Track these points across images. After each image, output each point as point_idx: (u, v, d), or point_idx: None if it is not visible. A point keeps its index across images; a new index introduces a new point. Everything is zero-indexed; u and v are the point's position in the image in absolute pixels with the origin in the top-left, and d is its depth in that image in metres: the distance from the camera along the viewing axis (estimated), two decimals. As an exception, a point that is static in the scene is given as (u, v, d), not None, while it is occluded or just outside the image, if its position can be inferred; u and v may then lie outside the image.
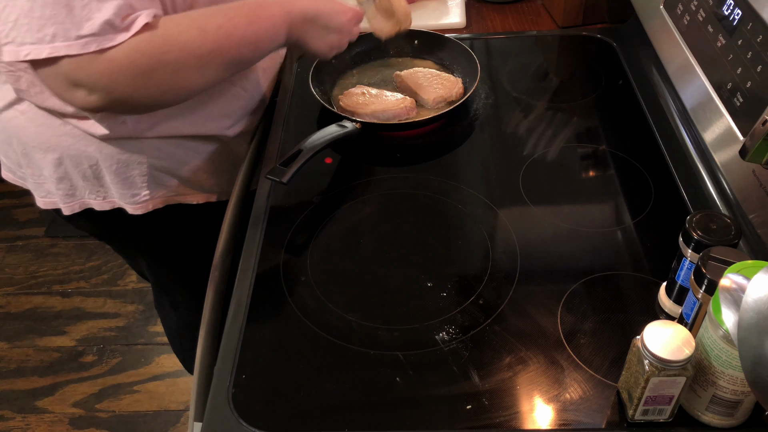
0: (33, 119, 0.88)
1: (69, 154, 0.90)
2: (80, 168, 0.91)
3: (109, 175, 0.92)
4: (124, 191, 0.93)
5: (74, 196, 0.95)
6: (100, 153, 0.89)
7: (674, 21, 0.92)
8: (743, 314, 0.48)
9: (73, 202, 0.96)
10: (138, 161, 0.91)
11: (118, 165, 0.91)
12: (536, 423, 0.62)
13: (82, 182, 0.93)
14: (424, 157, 0.95)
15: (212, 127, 0.95)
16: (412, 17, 1.20)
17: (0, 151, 0.98)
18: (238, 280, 0.78)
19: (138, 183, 0.93)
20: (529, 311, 0.72)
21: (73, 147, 0.89)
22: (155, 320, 1.89)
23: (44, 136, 0.89)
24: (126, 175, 0.92)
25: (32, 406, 1.71)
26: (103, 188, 0.94)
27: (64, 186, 0.94)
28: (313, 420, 0.64)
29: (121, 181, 0.92)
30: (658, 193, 0.85)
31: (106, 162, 0.90)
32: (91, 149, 0.89)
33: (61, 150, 0.90)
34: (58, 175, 0.92)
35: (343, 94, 1.03)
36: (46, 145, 0.90)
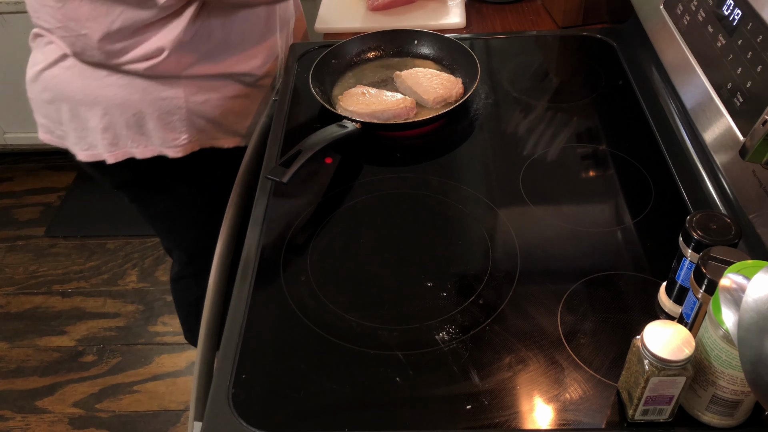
0: (79, 74, 0.97)
1: (114, 103, 0.98)
2: (124, 116, 0.99)
3: (152, 121, 1.00)
4: (165, 135, 1.02)
5: (117, 145, 1.03)
6: (144, 100, 0.98)
7: (674, 21, 0.92)
8: (743, 314, 0.48)
9: (117, 151, 1.03)
10: (177, 106, 1.00)
11: (160, 111, 1.00)
12: (536, 423, 0.62)
13: (126, 131, 1.01)
14: (424, 157, 0.95)
15: (244, 66, 1.04)
16: (412, 17, 1.21)
17: (40, 113, 1.06)
18: (238, 281, 0.78)
19: (178, 127, 1.02)
20: (529, 311, 0.72)
21: (118, 96, 0.98)
22: (155, 320, 1.89)
23: (90, 88, 0.97)
24: (167, 120, 1.01)
25: (32, 406, 1.71)
26: (145, 136, 1.02)
27: (108, 136, 1.01)
28: (313, 420, 0.64)
29: (162, 126, 1.01)
30: (658, 193, 0.85)
31: (149, 108, 0.99)
32: (135, 97, 0.98)
33: (106, 101, 0.98)
34: (103, 125, 1.00)
35: (343, 94, 1.03)
36: (91, 97, 0.98)
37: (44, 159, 2.46)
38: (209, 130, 1.06)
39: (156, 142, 1.03)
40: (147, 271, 2.04)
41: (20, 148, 2.40)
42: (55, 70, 0.99)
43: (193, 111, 1.02)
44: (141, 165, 1.05)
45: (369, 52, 1.13)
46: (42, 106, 1.04)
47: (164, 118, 1.00)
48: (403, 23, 1.25)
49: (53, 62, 0.98)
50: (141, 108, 0.99)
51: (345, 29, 1.29)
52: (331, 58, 1.09)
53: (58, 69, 0.98)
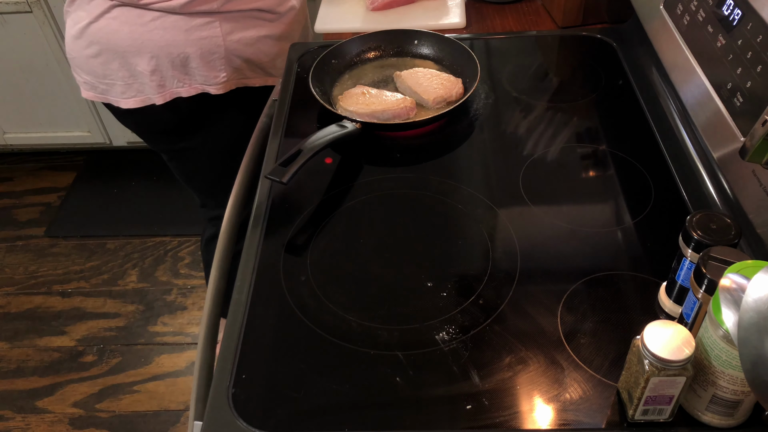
0: (125, 21, 1.07)
1: (160, 45, 1.08)
2: (170, 57, 1.09)
3: (195, 60, 1.11)
4: (207, 73, 1.13)
5: (165, 86, 1.13)
6: (187, 40, 1.09)
7: (674, 21, 0.92)
8: (743, 314, 0.48)
9: (165, 92, 1.14)
10: (217, 44, 1.11)
11: (203, 50, 1.10)
12: (536, 423, 0.62)
13: (172, 72, 1.11)
14: (424, 157, 0.95)
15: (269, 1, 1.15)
16: (412, 17, 1.21)
17: (84, 70, 1.15)
18: (238, 280, 0.78)
19: (218, 65, 1.13)
20: (529, 311, 0.72)
21: (163, 38, 1.07)
22: (155, 320, 1.90)
23: (137, 33, 1.07)
24: (209, 59, 1.12)
25: (32, 406, 1.71)
26: (189, 76, 1.13)
27: (156, 78, 1.11)
28: (313, 420, 0.64)
29: (204, 64, 1.12)
30: (658, 193, 0.85)
31: (192, 47, 1.09)
32: (179, 38, 1.08)
33: (152, 44, 1.08)
34: (151, 68, 1.10)
35: (343, 94, 1.03)
36: (138, 42, 1.08)
37: (44, 159, 2.46)
38: (243, 68, 1.17)
39: (199, 80, 1.13)
40: (147, 271, 2.04)
41: (20, 148, 2.40)
42: (102, 23, 1.07)
43: (230, 49, 1.13)
44: (184, 106, 1.16)
45: (369, 52, 1.13)
46: (86, 62, 1.13)
47: (206, 57, 1.11)
48: (403, 23, 1.25)
49: (99, 15, 1.07)
50: (185, 49, 1.09)
51: (345, 29, 1.29)
52: (331, 58, 1.09)
53: (104, 21, 1.07)
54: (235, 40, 1.13)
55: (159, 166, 2.36)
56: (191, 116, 1.20)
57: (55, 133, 2.27)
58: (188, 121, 1.21)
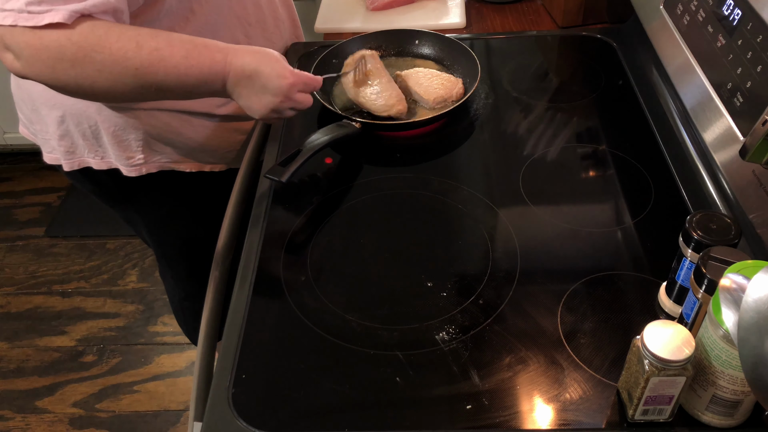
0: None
1: (71, 112, 0.95)
2: (81, 127, 0.97)
3: (107, 136, 0.97)
4: (120, 153, 0.99)
5: (74, 153, 1.01)
6: (99, 114, 0.95)
7: (674, 21, 0.92)
8: (743, 314, 0.48)
9: (73, 160, 1.02)
10: (134, 126, 0.96)
11: (116, 128, 0.96)
12: (536, 423, 0.62)
13: (82, 141, 0.99)
14: (424, 157, 0.95)
15: (202, 105, 0.98)
16: (412, 17, 1.20)
17: (18, 107, 1.06)
18: (238, 280, 0.78)
19: (133, 147, 0.98)
20: (529, 311, 0.72)
21: (75, 106, 0.95)
22: (155, 320, 1.90)
23: (50, 93, 0.92)
24: (122, 138, 0.97)
25: (32, 406, 1.71)
26: (101, 149, 0.99)
27: (65, 143, 1.00)
28: (313, 420, 0.64)
29: (117, 143, 0.97)
30: (658, 193, 0.85)
31: (105, 124, 0.96)
32: (91, 110, 0.95)
33: (64, 108, 0.95)
34: (61, 132, 0.98)
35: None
36: (51, 102, 0.95)
37: (44, 159, 2.46)
38: (168, 153, 1.01)
39: (112, 156, 1.00)
40: (147, 271, 2.04)
41: (20, 148, 2.40)
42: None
43: (151, 134, 0.97)
44: (99, 176, 1.03)
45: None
46: (18, 101, 1.04)
47: (119, 135, 0.96)
48: (403, 23, 1.25)
49: None
50: (96, 121, 0.95)
51: (345, 29, 1.29)
52: (331, 58, 1.09)
53: None
54: (158, 127, 0.97)
55: (159, 166, 2.37)
56: (110, 188, 1.07)
57: (55, 133, 2.27)
58: (108, 192, 1.09)
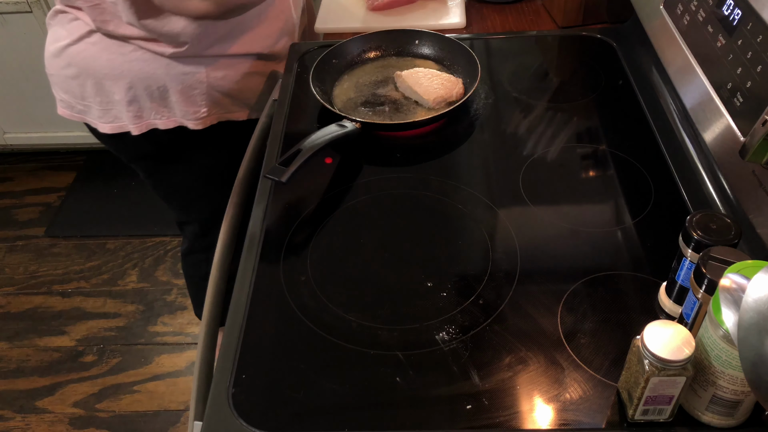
0: (105, 48, 1.03)
1: (139, 77, 1.04)
2: (149, 90, 1.05)
3: (175, 95, 1.07)
4: (186, 109, 1.09)
5: (142, 117, 1.09)
6: (167, 74, 1.05)
7: (674, 21, 0.92)
8: (743, 314, 0.48)
9: (141, 123, 1.09)
10: (199, 80, 1.06)
11: (183, 85, 1.06)
12: (536, 423, 0.62)
13: (149, 103, 1.07)
14: (424, 157, 0.95)
15: (259, 45, 1.11)
16: (412, 17, 1.20)
17: (62, 88, 1.11)
18: (238, 280, 0.78)
19: (198, 101, 1.08)
20: (529, 311, 0.72)
21: (143, 70, 1.03)
22: (155, 320, 1.90)
23: (116, 62, 1.03)
24: (189, 94, 1.07)
25: (32, 406, 1.71)
26: (167, 108, 1.09)
27: (133, 108, 1.07)
28: (313, 420, 0.64)
29: (184, 99, 1.07)
30: (658, 193, 0.85)
31: (173, 82, 1.05)
32: (159, 71, 1.04)
33: (131, 75, 1.04)
34: (129, 98, 1.06)
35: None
36: (117, 71, 1.03)
37: (44, 159, 2.46)
38: (226, 103, 1.12)
39: (178, 114, 1.09)
40: (147, 271, 2.04)
41: (20, 148, 2.40)
42: (81, 46, 1.03)
43: (213, 86, 1.08)
44: (162, 136, 1.12)
45: (369, 52, 1.13)
46: (64, 81, 1.09)
47: (186, 92, 1.07)
48: (403, 23, 1.25)
49: (79, 38, 1.03)
50: (165, 82, 1.05)
51: (345, 29, 1.29)
52: (331, 58, 1.09)
53: (83, 45, 1.03)
54: (219, 77, 1.09)
55: (159, 166, 2.37)
56: (169, 147, 1.16)
57: (55, 133, 2.27)
58: (166, 151, 1.18)
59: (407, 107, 1.03)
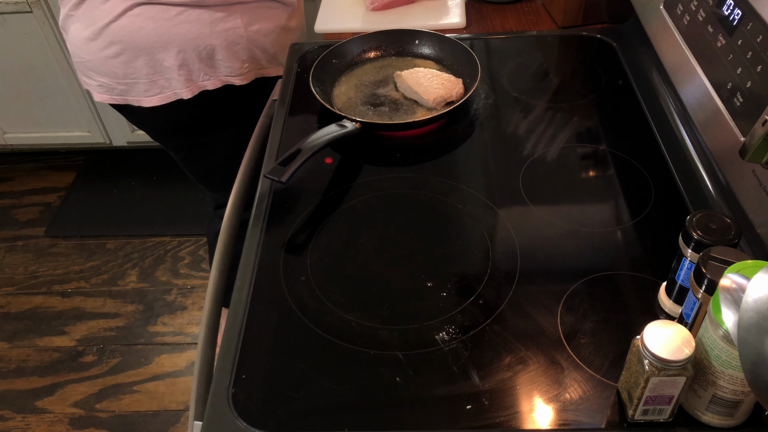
0: (150, 18, 1.07)
1: (187, 39, 1.09)
2: (197, 50, 1.11)
3: (221, 52, 1.13)
4: (231, 65, 1.15)
5: (192, 80, 1.14)
6: (212, 33, 1.10)
7: (674, 21, 0.92)
8: (743, 314, 0.48)
9: (192, 86, 1.14)
10: (239, 35, 1.13)
11: (227, 41, 1.12)
12: (536, 423, 0.62)
13: (198, 65, 1.12)
14: (424, 157, 0.95)
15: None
16: (412, 17, 1.20)
17: (100, 71, 1.14)
18: (238, 280, 0.78)
19: (241, 55, 1.15)
20: (529, 311, 0.72)
21: (189, 32, 1.09)
22: (155, 320, 1.90)
23: (163, 28, 1.08)
24: (233, 50, 1.13)
25: (32, 406, 1.71)
26: (214, 68, 1.15)
27: (184, 72, 1.12)
28: (313, 420, 0.64)
29: (229, 55, 1.14)
30: (658, 193, 0.85)
31: (218, 39, 1.11)
32: (205, 31, 1.10)
33: (180, 39, 1.09)
34: (179, 62, 1.11)
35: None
36: (165, 36, 1.08)
37: (44, 159, 2.46)
38: (261, 59, 1.19)
39: (224, 72, 1.15)
40: (147, 271, 2.04)
41: (20, 148, 2.40)
42: (123, 21, 1.07)
43: (252, 40, 1.15)
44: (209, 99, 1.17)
45: (369, 52, 1.13)
46: (104, 63, 1.12)
47: (231, 47, 1.13)
48: (403, 23, 1.25)
49: (120, 14, 1.06)
50: (211, 41, 1.11)
51: (345, 29, 1.29)
52: (331, 58, 1.09)
53: (126, 19, 1.07)
54: (255, 31, 1.15)
55: (159, 166, 2.37)
56: (215, 110, 1.21)
57: (55, 133, 2.27)
58: (212, 115, 1.22)
59: (407, 107, 1.03)
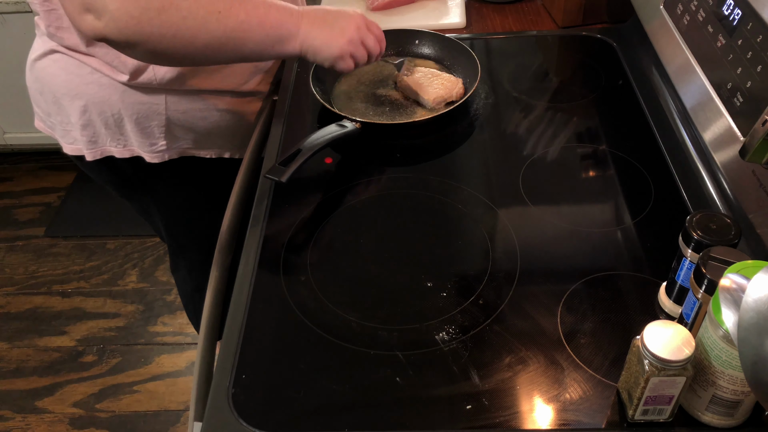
0: (64, 68, 0.97)
1: (94, 101, 0.98)
2: (103, 116, 0.99)
3: (130, 123, 1.00)
4: (142, 140, 1.02)
5: (97, 143, 1.03)
6: (123, 102, 0.98)
7: (674, 21, 0.92)
8: (743, 314, 0.48)
9: (96, 149, 1.04)
10: (157, 112, 0.99)
11: (139, 115, 0.99)
12: (536, 423, 0.62)
13: (105, 130, 1.01)
14: (424, 157, 0.95)
15: (229, 82, 1.02)
16: (412, 18, 1.20)
17: (33, 101, 1.07)
18: (238, 280, 0.78)
19: (156, 133, 1.01)
20: (529, 311, 0.72)
21: (98, 95, 0.97)
22: (155, 320, 1.90)
23: (73, 83, 0.98)
24: (145, 125, 1.00)
25: (32, 406, 1.71)
26: (124, 137, 1.02)
27: (87, 133, 1.02)
28: (313, 420, 0.64)
29: (140, 130, 1.00)
30: (658, 193, 0.85)
31: (128, 111, 0.99)
32: (114, 98, 0.98)
33: (87, 97, 0.98)
34: (83, 122, 1.00)
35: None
36: (74, 92, 0.98)
37: (44, 159, 2.46)
38: (190, 139, 1.05)
39: (134, 144, 1.02)
40: (147, 271, 2.04)
41: (20, 148, 2.40)
42: (45, 62, 1.00)
43: (173, 120, 1.01)
44: (120, 164, 1.06)
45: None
46: (35, 94, 1.06)
47: (142, 122, 1.00)
48: (403, 23, 1.25)
49: (43, 54, 0.99)
50: (119, 109, 0.98)
51: (345, 29, 1.29)
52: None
53: (47, 61, 0.99)
54: (180, 111, 1.01)
55: (159, 166, 2.37)
56: (130, 176, 1.09)
57: (55, 133, 2.27)
58: (128, 181, 1.11)
59: (407, 107, 1.03)
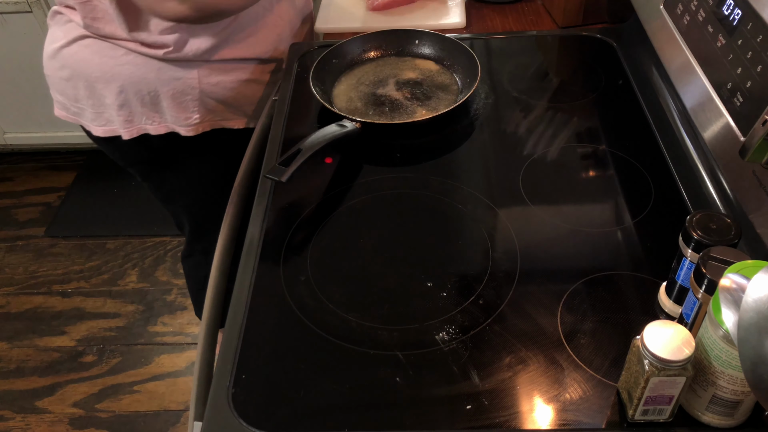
0: (97, 51, 1.01)
1: (131, 81, 1.03)
2: (140, 95, 1.04)
3: (166, 100, 1.05)
4: (177, 115, 1.07)
5: (133, 122, 1.07)
6: (159, 79, 1.03)
7: (674, 21, 0.92)
8: (743, 314, 0.48)
9: (132, 128, 1.08)
10: (191, 86, 1.05)
11: (174, 90, 1.04)
12: (536, 423, 0.62)
13: (141, 108, 1.06)
14: (424, 157, 0.95)
15: (255, 50, 1.09)
16: (412, 18, 1.20)
17: (56, 90, 1.11)
18: (238, 280, 0.78)
19: (190, 107, 1.06)
20: (529, 311, 0.72)
21: (134, 75, 1.02)
22: (155, 320, 1.90)
23: (107, 65, 1.02)
24: (180, 100, 1.05)
25: (32, 406, 1.71)
26: (159, 114, 1.07)
27: (124, 113, 1.06)
28: (313, 420, 0.64)
29: (175, 105, 1.05)
30: (658, 193, 0.85)
31: (164, 88, 1.04)
32: (150, 76, 1.02)
33: (122, 78, 1.02)
34: (120, 102, 1.04)
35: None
36: (109, 74, 1.02)
37: (44, 159, 2.46)
38: (220, 111, 1.11)
39: (169, 120, 1.08)
40: (147, 271, 2.04)
41: (20, 148, 2.40)
42: (74, 48, 1.02)
43: (206, 92, 1.06)
44: (154, 141, 1.10)
45: (369, 52, 1.13)
46: (59, 82, 1.08)
47: (178, 97, 1.05)
48: (403, 23, 1.25)
49: (72, 40, 1.02)
50: (156, 86, 1.03)
51: (345, 29, 1.29)
52: (331, 58, 1.09)
53: (76, 47, 1.02)
54: (212, 83, 1.07)
55: (159, 166, 2.37)
56: (162, 153, 1.15)
57: (55, 133, 2.27)
58: (159, 157, 1.16)
59: (407, 107, 1.03)
